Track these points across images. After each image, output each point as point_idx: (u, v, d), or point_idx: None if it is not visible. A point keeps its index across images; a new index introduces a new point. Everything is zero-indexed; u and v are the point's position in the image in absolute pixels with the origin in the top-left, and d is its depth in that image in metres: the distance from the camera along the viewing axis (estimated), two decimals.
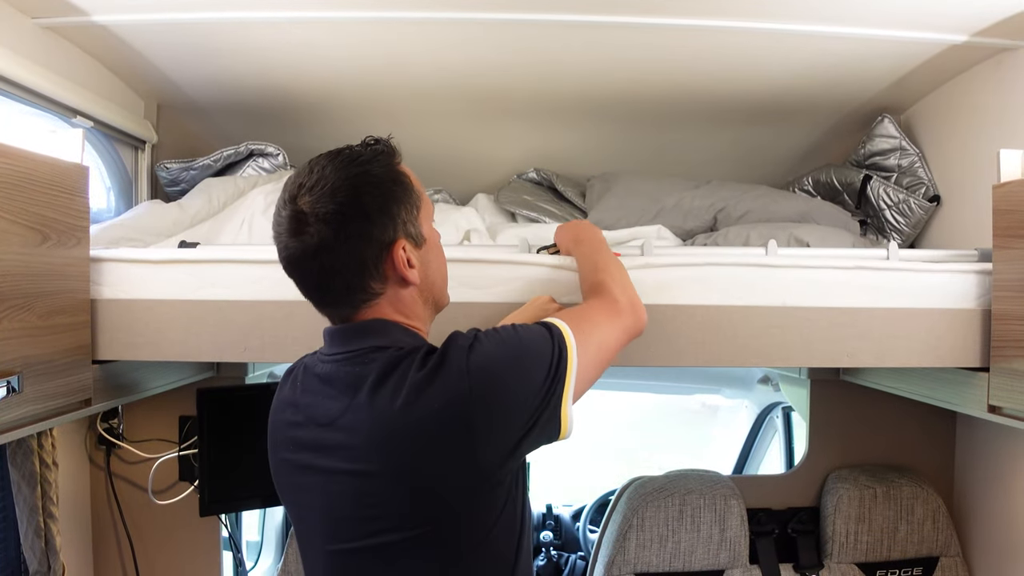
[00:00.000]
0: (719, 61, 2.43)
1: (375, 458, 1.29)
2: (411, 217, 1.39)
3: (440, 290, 1.52)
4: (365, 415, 1.30)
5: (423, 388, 1.26)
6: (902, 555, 2.68)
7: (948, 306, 1.86)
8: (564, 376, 1.33)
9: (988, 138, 2.32)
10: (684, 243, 2.55)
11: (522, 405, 1.29)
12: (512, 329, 1.36)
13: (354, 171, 1.35)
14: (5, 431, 1.52)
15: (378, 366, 1.32)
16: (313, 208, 1.31)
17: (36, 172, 1.57)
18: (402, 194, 1.38)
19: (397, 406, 1.26)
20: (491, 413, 1.26)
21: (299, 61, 2.46)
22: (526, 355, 1.32)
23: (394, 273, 1.37)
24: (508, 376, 1.29)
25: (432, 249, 1.47)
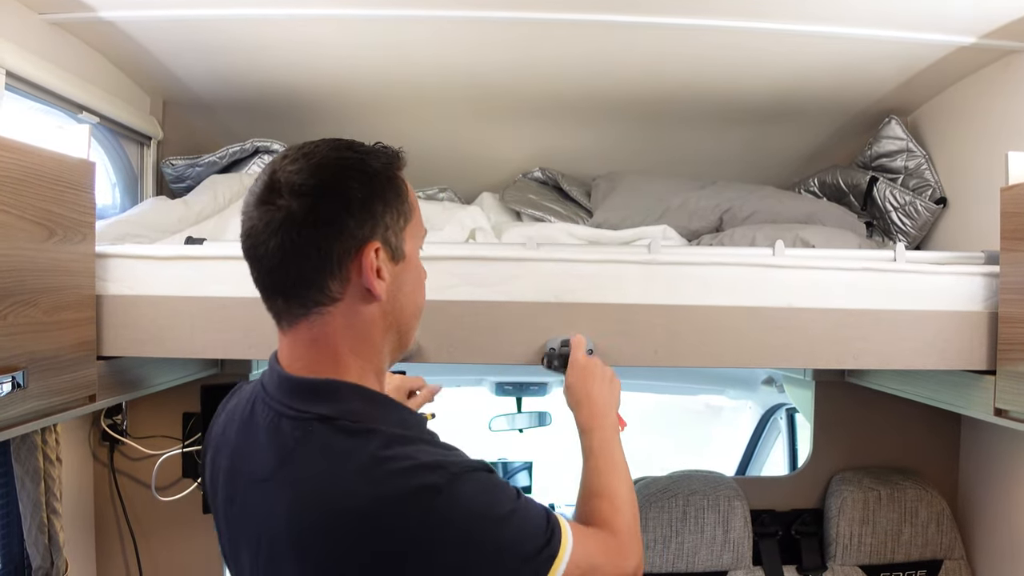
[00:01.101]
0: (726, 61, 2.43)
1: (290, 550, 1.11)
2: (396, 225, 1.22)
3: (407, 322, 1.29)
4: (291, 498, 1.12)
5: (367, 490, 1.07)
6: (906, 558, 2.67)
7: (955, 308, 1.85)
8: (547, 572, 1.14)
9: (995, 140, 2.31)
10: (690, 243, 2.55)
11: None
12: (512, 490, 1.19)
13: (348, 155, 1.20)
14: (10, 427, 1.52)
15: (314, 445, 1.13)
16: (289, 179, 1.14)
17: (42, 167, 1.57)
18: (392, 196, 1.22)
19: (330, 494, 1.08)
20: (431, 564, 1.07)
21: (305, 59, 2.46)
22: (499, 532, 1.12)
23: (358, 279, 1.18)
24: (481, 538, 1.10)
25: (411, 272, 1.27)
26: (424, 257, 1.34)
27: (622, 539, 1.35)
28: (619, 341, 1.82)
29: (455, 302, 1.81)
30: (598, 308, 1.81)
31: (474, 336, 1.83)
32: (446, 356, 1.82)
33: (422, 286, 1.32)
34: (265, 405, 1.21)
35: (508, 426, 3.80)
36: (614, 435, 1.56)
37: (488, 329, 1.82)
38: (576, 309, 1.81)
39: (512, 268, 1.82)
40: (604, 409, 1.59)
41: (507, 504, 1.15)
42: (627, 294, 1.84)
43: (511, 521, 1.13)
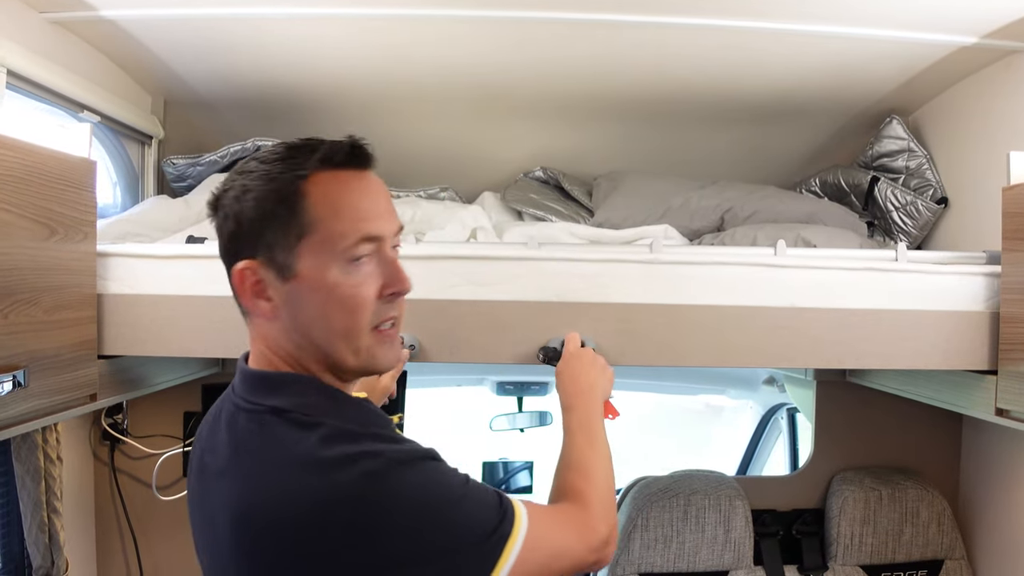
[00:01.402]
0: (727, 61, 2.43)
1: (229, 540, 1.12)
2: (282, 241, 1.16)
3: (324, 344, 1.21)
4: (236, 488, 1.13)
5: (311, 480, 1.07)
6: (907, 558, 2.67)
7: (956, 308, 1.85)
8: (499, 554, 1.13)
9: (997, 140, 2.31)
10: (691, 243, 2.54)
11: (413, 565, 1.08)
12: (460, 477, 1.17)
13: (252, 168, 1.19)
14: (10, 426, 1.52)
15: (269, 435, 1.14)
16: (219, 193, 1.21)
17: (44, 166, 1.57)
18: (282, 212, 1.16)
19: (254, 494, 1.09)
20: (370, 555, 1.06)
21: (307, 58, 2.46)
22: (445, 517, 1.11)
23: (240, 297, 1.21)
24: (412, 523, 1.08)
25: (313, 292, 1.18)
26: (426, 256, 1.33)
27: (592, 511, 1.33)
28: (621, 340, 1.82)
29: (457, 301, 1.81)
30: (600, 307, 1.81)
31: (475, 335, 1.83)
32: (447, 356, 1.82)
33: (343, 307, 1.19)
34: (229, 400, 1.23)
35: (509, 426, 3.80)
36: (596, 415, 1.55)
37: (490, 328, 1.82)
38: (578, 308, 1.81)
39: (514, 267, 1.82)
40: (589, 390, 1.59)
41: (455, 490, 1.14)
42: (629, 293, 1.83)
43: (459, 506, 1.12)
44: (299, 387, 1.19)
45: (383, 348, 1.24)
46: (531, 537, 1.16)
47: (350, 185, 1.20)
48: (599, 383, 1.62)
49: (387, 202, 1.25)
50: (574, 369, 1.63)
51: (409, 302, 1.82)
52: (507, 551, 1.13)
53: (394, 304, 1.24)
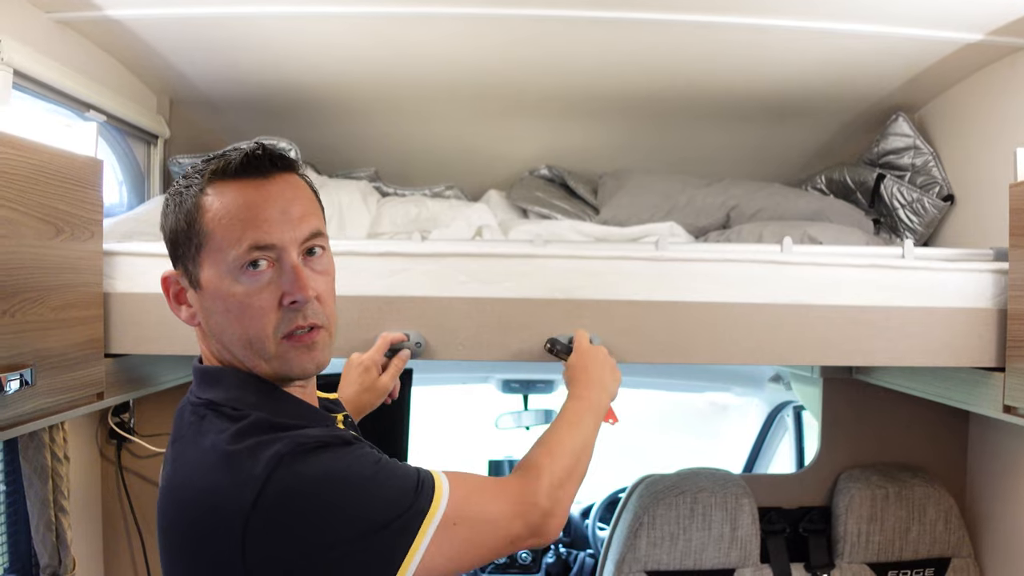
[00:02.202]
0: (732, 58, 2.42)
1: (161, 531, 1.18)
2: (188, 254, 1.21)
3: (237, 349, 1.23)
4: (165, 475, 1.19)
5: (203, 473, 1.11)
6: (914, 556, 2.67)
7: (963, 305, 1.85)
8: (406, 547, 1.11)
9: (1003, 137, 2.30)
10: (697, 240, 2.54)
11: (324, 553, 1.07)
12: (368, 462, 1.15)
13: (174, 187, 1.25)
14: (18, 424, 1.52)
15: (199, 427, 1.17)
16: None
17: (50, 165, 1.57)
18: (184, 227, 1.21)
19: (177, 479, 1.14)
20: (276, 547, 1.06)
21: (312, 56, 2.46)
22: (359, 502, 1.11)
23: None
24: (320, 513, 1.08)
25: (213, 301, 1.21)
26: (432, 254, 1.34)
27: (538, 484, 1.30)
28: (627, 338, 1.82)
29: (463, 299, 1.82)
30: (606, 305, 1.81)
31: (482, 333, 1.83)
32: (454, 353, 1.82)
33: (238, 315, 1.20)
34: (187, 394, 1.29)
35: (515, 424, 3.80)
36: (594, 411, 1.54)
37: (496, 326, 1.82)
38: (584, 306, 1.81)
39: (519, 265, 1.82)
40: (599, 386, 1.58)
41: (366, 468, 1.14)
42: (635, 291, 1.84)
43: (370, 484, 1.12)
44: (234, 381, 1.22)
45: (297, 354, 1.23)
46: (454, 507, 1.16)
47: (243, 194, 1.20)
48: (608, 384, 1.62)
49: (295, 208, 1.23)
50: (588, 365, 1.63)
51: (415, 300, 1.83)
52: (425, 524, 1.13)
53: (302, 312, 1.21)
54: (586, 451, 1.45)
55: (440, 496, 1.16)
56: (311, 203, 1.27)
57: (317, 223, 1.26)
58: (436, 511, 1.14)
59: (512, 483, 1.31)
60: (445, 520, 1.14)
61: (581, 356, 1.66)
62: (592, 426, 1.51)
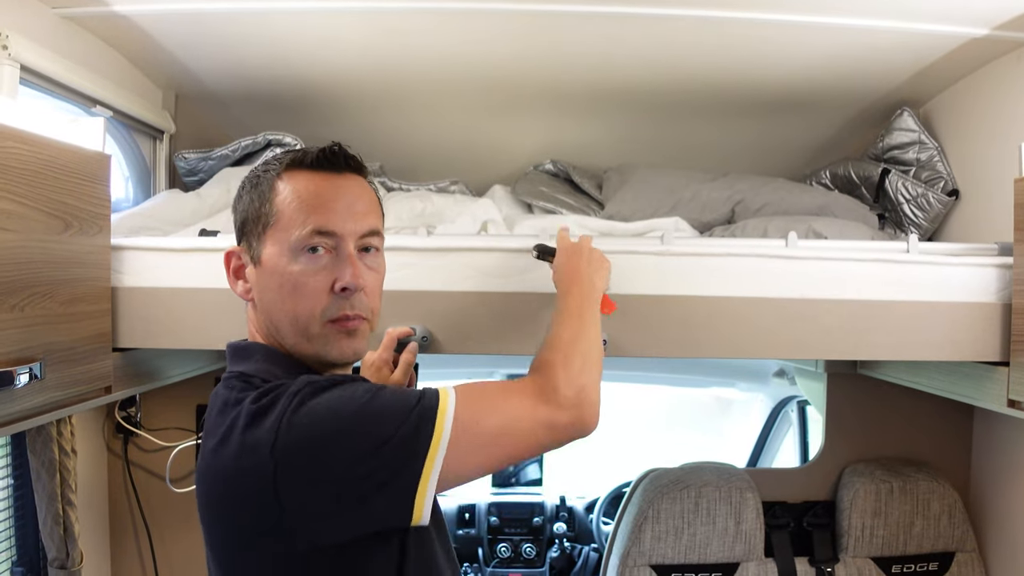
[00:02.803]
0: (737, 53, 2.42)
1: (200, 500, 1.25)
2: (255, 229, 1.33)
3: (281, 327, 1.32)
4: (201, 449, 1.25)
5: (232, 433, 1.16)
6: (918, 550, 2.67)
7: (968, 300, 1.85)
8: (423, 451, 1.14)
9: (1008, 132, 2.30)
10: (702, 235, 2.54)
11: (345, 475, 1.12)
12: (369, 388, 1.20)
13: (252, 171, 1.38)
14: (26, 418, 1.53)
15: (228, 397, 1.23)
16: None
17: (58, 160, 1.58)
18: (254, 200, 1.33)
19: (211, 446, 1.20)
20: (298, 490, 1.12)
21: (317, 51, 2.46)
22: (366, 419, 1.15)
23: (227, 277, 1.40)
24: (326, 446, 1.12)
25: (270, 277, 1.31)
26: (437, 249, 1.39)
27: (555, 376, 1.31)
28: (633, 332, 1.82)
29: (468, 293, 1.82)
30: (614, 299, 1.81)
31: (487, 327, 1.83)
32: (459, 347, 1.83)
33: (293, 293, 1.29)
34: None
35: None
36: (590, 304, 1.53)
37: (501, 320, 1.82)
38: None
39: (525, 259, 1.83)
40: (583, 279, 1.58)
41: (368, 393, 1.18)
42: (640, 285, 1.84)
43: (374, 402, 1.17)
44: (264, 355, 1.31)
45: (338, 339, 1.31)
46: (464, 409, 1.19)
47: (315, 183, 1.31)
48: (597, 277, 1.62)
49: (359, 205, 1.34)
50: (571, 260, 1.63)
51: (421, 294, 1.83)
52: (437, 429, 1.15)
53: (350, 300, 1.30)
54: (591, 340, 1.44)
55: (446, 401, 1.19)
56: (374, 204, 1.39)
57: (376, 223, 1.37)
58: (445, 414, 1.17)
59: (526, 380, 1.33)
60: (459, 422, 1.17)
61: (563, 253, 1.67)
62: (590, 317, 1.50)
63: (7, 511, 2.21)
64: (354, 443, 1.13)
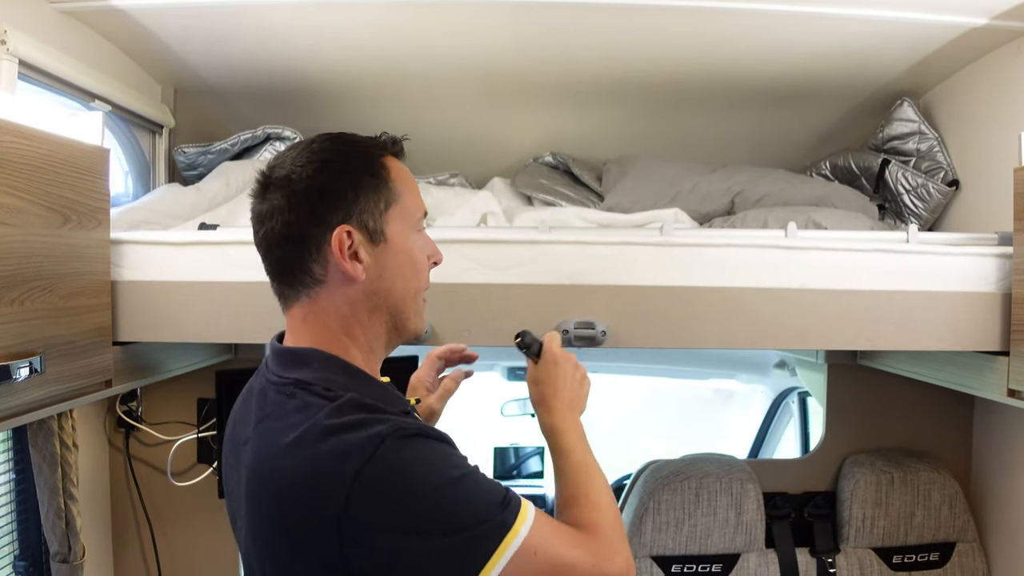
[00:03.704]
0: (737, 44, 2.42)
1: (245, 505, 1.20)
2: (372, 208, 1.27)
3: (397, 304, 1.32)
4: (253, 451, 1.20)
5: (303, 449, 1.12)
6: (919, 540, 2.68)
7: (968, 289, 1.85)
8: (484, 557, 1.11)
9: (1008, 122, 2.30)
10: (701, 226, 2.54)
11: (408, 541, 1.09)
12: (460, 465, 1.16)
13: (328, 146, 1.29)
14: (28, 411, 1.53)
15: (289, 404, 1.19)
16: (276, 173, 1.26)
17: (57, 154, 1.58)
18: (369, 182, 1.28)
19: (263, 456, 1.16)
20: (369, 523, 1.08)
21: (315, 45, 2.46)
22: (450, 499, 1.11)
23: (334, 260, 1.24)
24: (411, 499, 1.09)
25: (397, 255, 1.30)
26: (437, 241, 1.38)
27: (606, 538, 1.28)
28: (632, 323, 1.82)
29: (469, 285, 1.82)
30: (611, 290, 1.81)
31: (488, 319, 1.83)
32: (460, 339, 1.82)
33: (415, 269, 1.34)
34: (263, 376, 1.30)
35: (520, 411, 3.81)
36: (583, 435, 1.45)
37: (502, 312, 1.82)
38: (589, 291, 1.82)
39: (524, 251, 1.83)
40: (570, 410, 1.48)
41: (461, 468, 1.15)
42: (640, 276, 1.84)
43: (461, 484, 1.13)
44: (322, 362, 1.25)
45: (423, 314, 1.39)
46: (535, 537, 1.14)
47: (405, 168, 1.36)
48: (580, 398, 1.52)
49: None
50: (556, 379, 1.49)
51: None
52: (506, 542, 1.12)
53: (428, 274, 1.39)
54: (610, 490, 1.41)
55: (524, 519, 1.15)
56: None
57: None
58: (519, 531, 1.13)
59: (583, 536, 1.27)
60: (526, 545, 1.13)
61: (549, 368, 1.51)
62: (590, 454, 1.44)
63: (9, 505, 2.21)
64: (428, 517, 1.10)
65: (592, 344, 1.80)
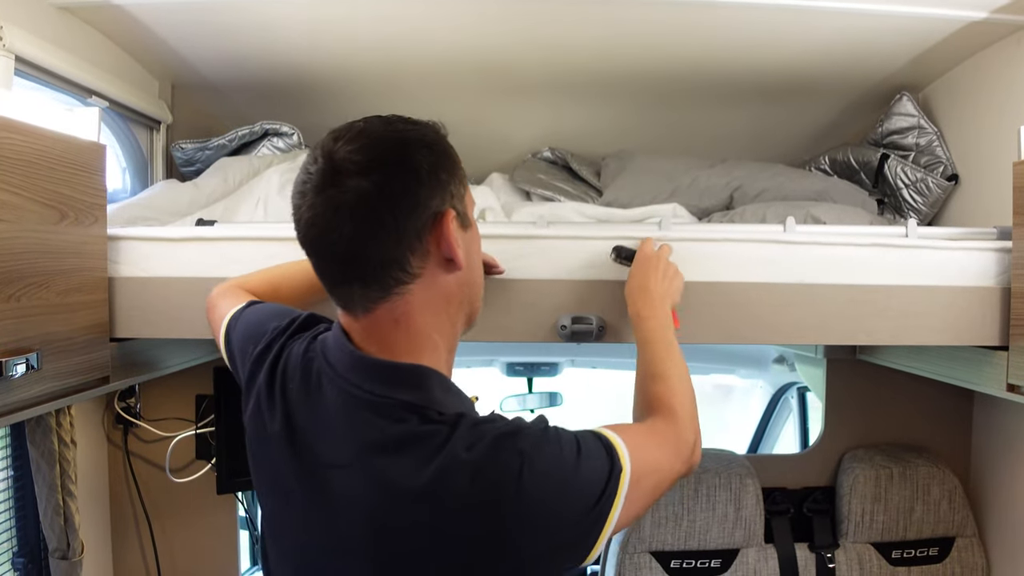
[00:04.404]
0: (736, 38, 2.41)
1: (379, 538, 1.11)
2: (459, 192, 1.19)
3: (476, 290, 1.29)
4: (368, 483, 1.12)
5: (463, 480, 1.06)
6: (918, 535, 2.68)
7: (967, 284, 1.84)
8: (607, 515, 1.13)
9: (1008, 116, 2.29)
10: (700, 221, 2.54)
11: (557, 531, 1.10)
12: (572, 445, 1.15)
13: (403, 127, 1.17)
14: (24, 408, 1.53)
15: (404, 431, 1.11)
16: (351, 158, 1.09)
17: (53, 150, 1.57)
18: (451, 164, 1.19)
19: (418, 486, 1.07)
20: (521, 541, 1.07)
21: (313, 39, 2.45)
22: (576, 482, 1.12)
23: (438, 250, 1.15)
24: (554, 505, 1.09)
25: (475, 240, 1.27)
26: None
27: (680, 421, 1.37)
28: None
29: None
30: (610, 285, 1.80)
31: (486, 314, 1.81)
32: None
33: (480, 257, 1.33)
34: (335, 385, 1.18)
35: (519, 407, 3.81)
36: (668, 323, 1.57)
37: (500, 307, 1.81)
38: (588, 286, 1.81)
39: (524, 246, 1.82)
40: (659, 300, 1.60)
41: (575, 449, 1.14)
42: None
43: (584, 463, 1.13)
44: (429, 381, 1.17)
45: None
46: (635, 464, 1.18)
47: None
48: (670, 292, 1.64)
49: None
50: (647, 277, 1.64)
51: None
52: (620, 486, 1.15)
53: None
54: (687, 370, 1.49)
55: (624, 458, 1.17)
56: None
57: None
58: (626, 473, 1.16)
59: (662, 427, 1.36)
60: (633, 479, 1.16)
61: (640, 267, 1.68)
62: (674, 340, 1.54)
63: (7, 502, 2.21)
64: (572, 503, 1.10)
65: (590, 339, 1.80)
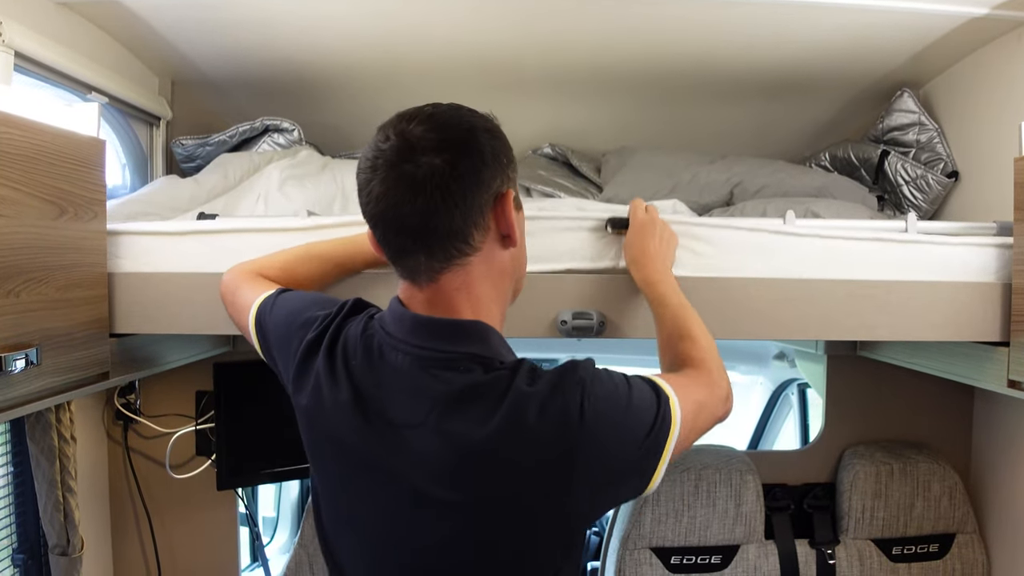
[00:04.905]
0: (736, 34, 2.41)
1: (460, 486, 1.16)
2: (514, 177, 1.30)
3: (524, 271, 1.41)
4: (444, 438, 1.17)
5: (532, 412, 1.13)
6: (918, 531, 2.68)
7: (968, 279, 1.83)
8: (663, 443, 1.20)
9: (1008, 112, 2.29)
10: (700, 217, 2.53)
11: (620, 456, 1.18)
12: (623, 379, 1.22)
13: (468, 114, 1.28)
14: (24, 403, 1.53)
15: (473, 382, 1.18)
16: (425, 136, 1.19)
17: (53, 145, 1.57)
18: (509, 150, 1.30)
19: (490, 428, 1.13)
20: (590, 462, 1.14)
21: (313, 35, 2.45)
22: (631, 410, 1.19)
23: (496, 227, 1.24)
24: (616, 429, 1.16)
25: (523, 222, 1.36)
26: None
27: (712, 371, 1.44)
28: (630, 313, 1.81)
29: None
30: (610, 279, 1.80)
31: None
32: None
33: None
34: (398, 351, 1.25)
35: None
36: (676, 284, 1.63)
37: None
38: (588, 281, 1.81)
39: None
40: (662, 262, 1.67)
41: (623, 385, 1.22)
42: None
43: (634, 395, 1.21)
44: (490, 335, 1.26)
45: None
46: (682, 406, 1.25)
47: None
48: (669, 254, 1.72)
49: None
50: (644, 242, 1.70)
51: None
52: (673, 415, 1.22)
53: None
54: (703, 324, 1.56)
55: (669, 392, 1.25)
56: None
57: None
58: (674, 405, 1.23)
59: (695, 376, 1.43)
60: (681, 412, 1.24)
61: (637, 234, 1.72)
62: (685, 299, 1.60)
63: (7, 498, 2.21)
64: (631, 429, 1.18)
65: (590, 335, 1.79)
